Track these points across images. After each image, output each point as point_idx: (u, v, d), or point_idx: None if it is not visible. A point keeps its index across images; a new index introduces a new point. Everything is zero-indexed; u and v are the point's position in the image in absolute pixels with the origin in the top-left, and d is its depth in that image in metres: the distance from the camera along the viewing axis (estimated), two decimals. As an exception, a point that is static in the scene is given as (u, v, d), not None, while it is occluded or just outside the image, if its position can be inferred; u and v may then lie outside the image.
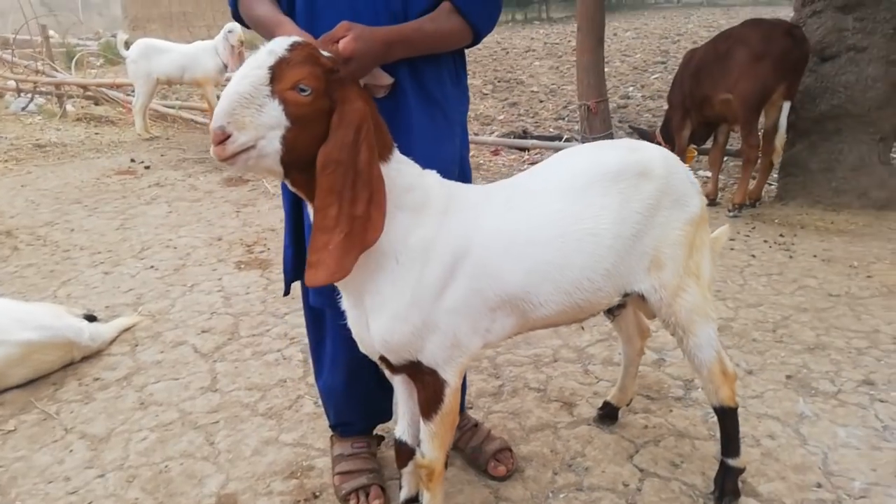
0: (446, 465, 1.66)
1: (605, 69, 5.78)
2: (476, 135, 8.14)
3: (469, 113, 10.58)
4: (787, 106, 4.05)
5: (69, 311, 2.93)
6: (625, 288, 1.66)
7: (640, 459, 2.11)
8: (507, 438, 2.20)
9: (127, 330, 3.06)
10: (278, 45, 1.23)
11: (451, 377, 1.52)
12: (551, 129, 7.66)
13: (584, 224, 1.53)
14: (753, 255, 3.74)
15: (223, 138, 1.19)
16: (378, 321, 1.43)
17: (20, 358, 2.54)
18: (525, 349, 2.81)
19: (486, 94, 11.96)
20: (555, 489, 1.99)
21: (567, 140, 6.62)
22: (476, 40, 1.77)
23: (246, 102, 1.20)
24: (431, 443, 1.58)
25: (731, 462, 1.89)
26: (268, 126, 1.21)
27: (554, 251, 1.51)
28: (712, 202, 4.88)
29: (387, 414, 2.12)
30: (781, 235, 4.05)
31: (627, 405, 2.29)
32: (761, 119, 4.30)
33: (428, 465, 1.60)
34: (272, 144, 1.23)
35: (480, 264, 1.46)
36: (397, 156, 1.44)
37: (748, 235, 4.08)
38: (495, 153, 7.05)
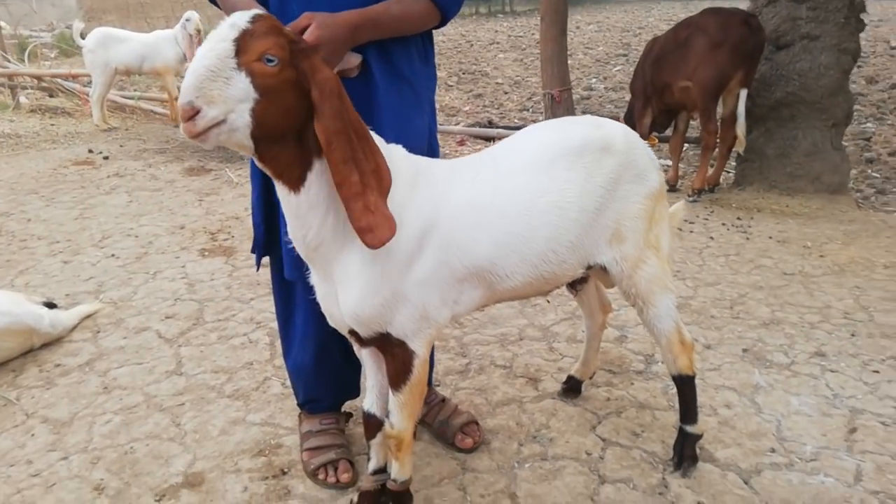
0: (415, 437, 1.69)
1: (569, 61, 5.84)
2: (441, 125, 8.18)
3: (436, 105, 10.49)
4: (744, 93, 4.16)
5: (29, 299, 2.87)
6: (588, 260, 1.70)
7: (603, 430, 2.17)
8: (474, 413, 2.24)
9: (88, 317, 3.01)
10: (240, 18, 1.21)
11: (419, 348, 1.54)
12: (516, 120, 7.73)
13: (549, 197, 1.56)
14: (712, 238, 3.84)
15: (192, 114, 1.17)
16: (348, 295, 1.44)
17: (-23, 344, 2.48)
18: (492, 328, 2.85)
19: (451, 86, 11.99)
20: (520, 459, 2.04)
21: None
22: (443, 22, 1.80)
23: (213, 76, 1.17)
24: (401, 413, 1.60)
25: (689, 429, 1.96)
26: (237, 99, 1.19)
27: (521, 224, 1.54)
28: (672, 188, 4.99)
29: (355, 390, 2.14)
30: (739, 219, 4.17)
31: (590, 378, 2.34)
32: (719, 107, 4.41)
33: (397, 434, 1.63)
34: (242, 118, 1.20)
35: (448, 237, 1.48)
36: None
37: (706, 219, 4.18)
38: (461, 143, 7.10)
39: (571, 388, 2.33)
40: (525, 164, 1.59)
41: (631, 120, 4.99)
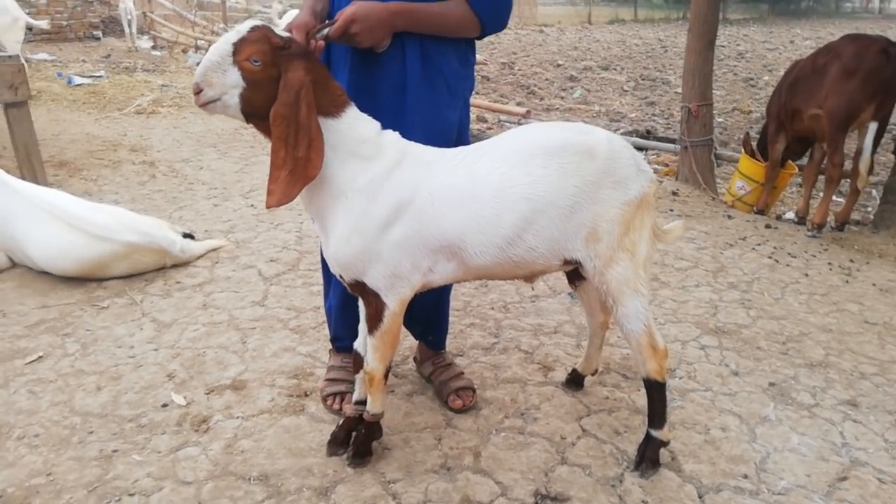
0: (386, 377, 2.00)
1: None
2: None
3: (601, 108, 10.74)
4: (873, 127, 3.88)
5: (171, 227, 3.58)
6: (563, 254, 1.89)
7: (587, 422, 2.33)
8: (479, 384, 2.50)
9: (214, 250, 3.67)
10: (244, 27, 1.67)
11: (391, 302, 1.86)
12: (672, 133, 7.57)
13: (519, 188, 1.78)
14: (806, 275, 3.68)
15: (197, 91, 1.67)
16: (329, 243, 1.81)
17: (123, 255, 3.19)
18: (532, 318, 3.06)
19: (626, 91, 11.87)
20: (499, 428, 2.27)
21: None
22: (482, 34, 2.07)
23: (215, 67, 1.64)
24: (373, 355, 1.94)
25: (654, 433, 2.07)
26: (230, 85, 1.66)
27: (488, 207, 1.78)
28: (801, 220, 4.76)
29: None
30: (851, 261, 3.92)
31: (593, 374, 2.49)
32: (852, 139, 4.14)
33: (370, 372, 1.96)
34: (233, 99, 1.67)
35: (423, 210, 1.77)
36: (353, 113, 1.79)
37: (814, 256, 3.98)
38: None
39: (574, 380, 2.50)
40: (504, 156, 1.81)
41: (763, 142, 4.81)
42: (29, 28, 7.25)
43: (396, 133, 1.86)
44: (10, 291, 3.09)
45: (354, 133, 1.77)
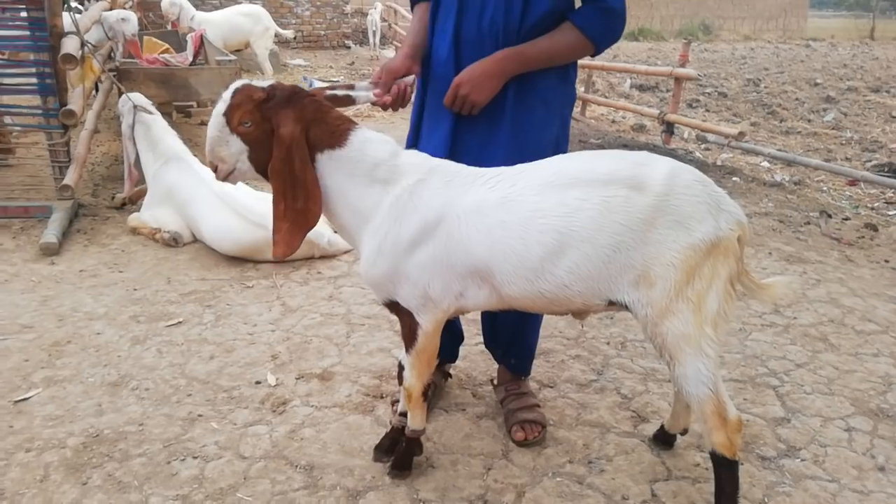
0: (425, 394, 1.96)
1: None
2: (843, 160, 7.21)
3: (854, 135, 9.55)
4: None
5: (325, 221, 3.86)
6: (606, 295, 1.69)
7: (661, 487, 2.06)
8: (556, 421, 2.34)
9: (362, 247, 3.89)
10: (227, 94, 1.72)
11: (424, 322, 1.81)
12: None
13: (550, 219, 1.63)
14: None
15: (214, 168, 1.79)
16: (361, 265, 1.83)
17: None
18: (648, 361, 2.77)
19: (894, 118, 10.21)
20: (557, 472, 2.10)
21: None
22: (596, 52, 2.00)
23: (218, 142, 1.73)
24: (410, 371, 1.91)
25: (719, 517, 1.77)
26: (237, 154, 1.75)
27: (516, 237, 1.65)
28: None
29: (451, 354, 2.46)
30: None
31: (682, 434, 2.19)
32: None
33: (408, 388, 1.94)
34: (244, 164, 1.76)
35: (451, 232, 1.70)
36: (361, 138, 1.77)
37: None
38: (851, 184, 6.16)
39: (662, 438, 2.22)
40: (540, 184, 1.67)
41: None
42: (276, 36, 8.30)
43: (419, 152, 1.84)
44: (182, 263, 3.60)
45: (366, 158, 1.76)
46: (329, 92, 1.89)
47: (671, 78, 7.28)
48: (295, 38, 12.56)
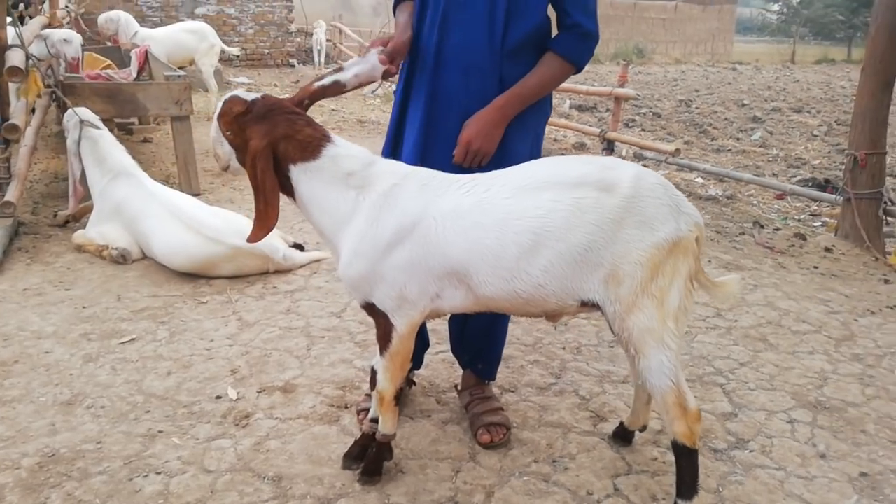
0: (397, 398, 1.99)
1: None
2: (771, 175, 7.62)
3: (780, 152, 10.03)
4: None
5: (281, 237, 3.85)
6: (578, 295, 1.77)
7: (623, 481, 2.13)
8: (519, 423, 2.40)
9: (316, 262, 3.88)
10: (221, 103, 1.87)
11: (399, 325, 1.85)
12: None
13: (525, 220, 1.70)
14: (960, 356, 3.08)
15: (217, 160, 1.96)
16: (339, 265, 1.87)
17: (229, 257, 3.50)
18: (603, 364, 2.87)
19: (816, 137, 10.85)
20: (523, 472, 2.15)
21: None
22: (577, 71, 2.13)
23: (216, 141, 1.90)
24: (383, 375, 1.94)
25: (680, 503, 1.85)
26: (229, 153, 1.90)
27: (492, 237, 1.72)
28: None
29: (416, 362, 2.49)
30: None
31: (641, 430, 2.28)
32: None
33: (380, 391, 1.96)
34: (235, 164, 1.91)
35: (427, 235, 1.76)
36: (333, 151, 1.83)
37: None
38: (779, 197, 6.54)
39: (621, 435, 2.30)
40: (515, 187, 1.75)
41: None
42: (222, 52, 8.21)
43: (393, 160, 1.93)
44: (132, 279, 3.51)
45: (339, 168, 1.83)
46: (317, 84, 1.95)
47: (611, 98, 7.54)
48: (239, 56, 12.43)
